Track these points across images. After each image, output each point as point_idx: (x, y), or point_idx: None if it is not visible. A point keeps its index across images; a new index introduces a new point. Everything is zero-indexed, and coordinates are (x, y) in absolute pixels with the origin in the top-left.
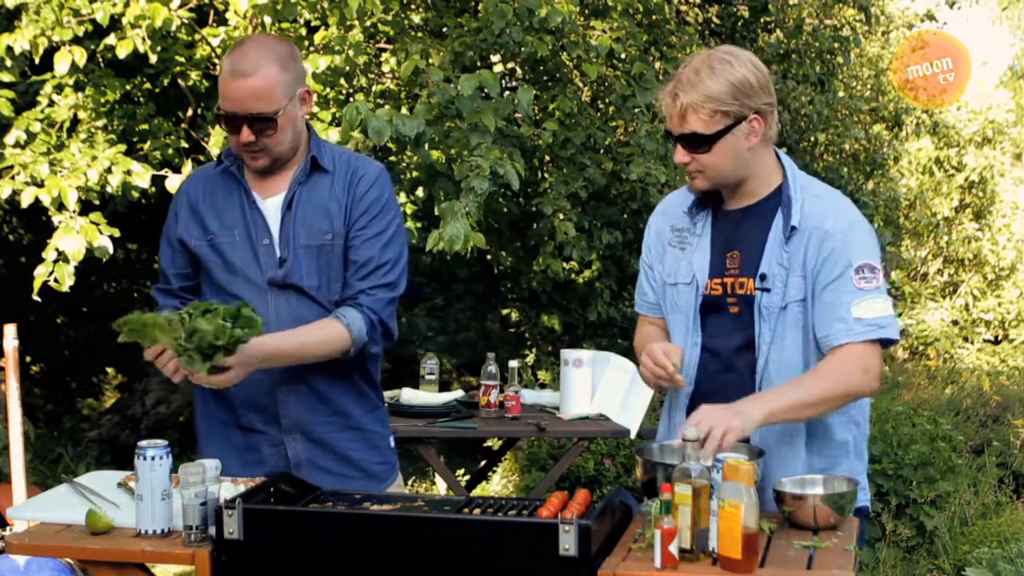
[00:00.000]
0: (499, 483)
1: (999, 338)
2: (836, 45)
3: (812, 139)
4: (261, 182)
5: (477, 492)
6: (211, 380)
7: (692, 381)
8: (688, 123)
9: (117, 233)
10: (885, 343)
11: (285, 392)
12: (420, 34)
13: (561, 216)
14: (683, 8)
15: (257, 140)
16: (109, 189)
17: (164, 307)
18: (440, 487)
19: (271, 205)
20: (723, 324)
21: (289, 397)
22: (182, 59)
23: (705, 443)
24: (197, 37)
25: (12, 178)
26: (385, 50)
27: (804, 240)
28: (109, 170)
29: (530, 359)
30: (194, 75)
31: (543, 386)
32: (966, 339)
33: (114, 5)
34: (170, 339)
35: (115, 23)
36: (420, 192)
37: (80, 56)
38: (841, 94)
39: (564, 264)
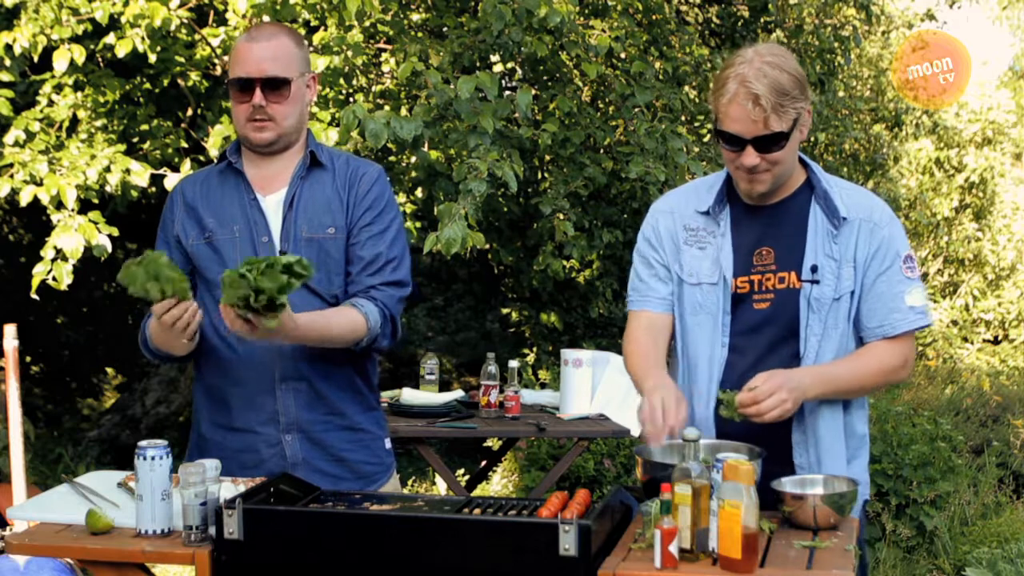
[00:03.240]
0: (499, 483)
1: (999, 338)
2: (836, 45)
3: (812, 139)
4: (261, 179)
5: (477, 492)
6: (250, 329)
7: (719, 381)
8: (771, 124)
9: (116, 232)
10: (920, 328)
11: (284, 390)
12: (420, 34)
13: (561, 215)
14: (683, 8)
15: (267, 106)
16: (108, 188)
17: None
18: (440, 487)
19: (271, 202)
20: (749, 322)
21: (288, 395)
22: (182, 59)
23: (758, 407)
24: (197, 37)
25: (11, 176)
26: (385, 50)
27: (854, 231)
28: (108, 169)
29: (530, 359)
30: (194, 75)
31: (543, 386)
32: (966, 339)
33: (113, 4)
34: (232, 296)
35: (114, 22)
36: (420, 192)
37: (79, 54)
38: (841, 94)
39: (564, 263)
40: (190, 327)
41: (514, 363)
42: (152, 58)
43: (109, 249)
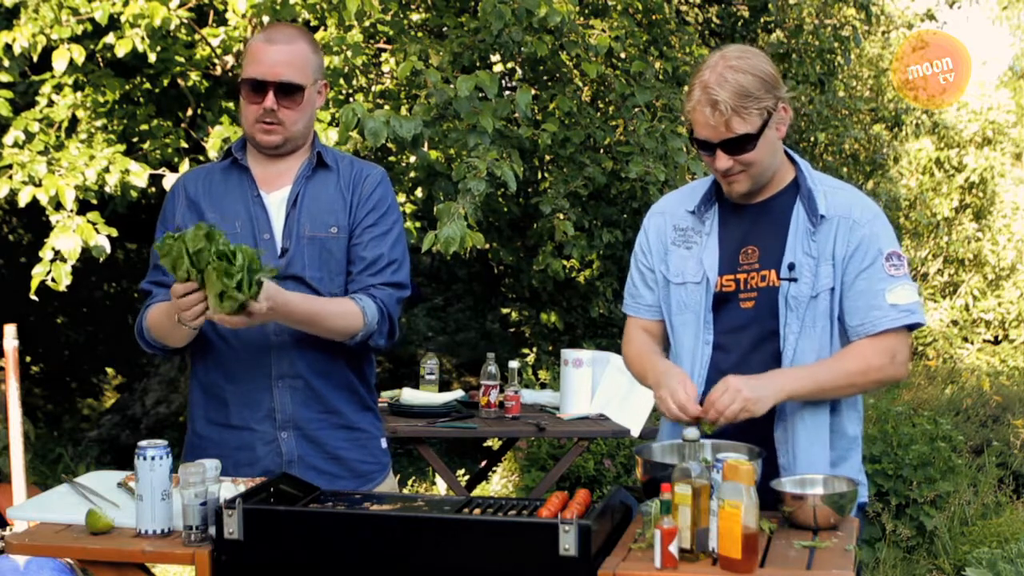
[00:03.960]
0: (499, 483)
1: (999, 338)
2: (836, 45)
3: (812, 139)
4: (265, 176)
5: (477, 492)
6: (235, 320)
7: (704, 380)
8: (734, 127)
9: (115, 233)
10: (912, 327)
11: (281, 387)
12: (420, 34)
13: (561, 215)
14: (683, 8)
15: (278, 110)
16: (107, 189)
17: (156, 297)
18: (440, 487)
19: (274, 199)
20: (735, 320)
21: (285, 392)
22: (182, 59)
23: (715, 408)
24: (197, 37)
25: (10, 177)
26: (384, 50)
27: (832, 229)
28: (107, 169)
29: (530, 359)
30: (194, 75)
31: (543, 386)
32: (966, 339)
33: (113, 4)
34: (220, 281)
35: (114, 22)
36: (419, 192)
37: (79, 54)
38: (841, 94)
39: (564, 263)
40: (199, 319)
41: (514, 363)
42: (152, 58)
43: (108, 250)
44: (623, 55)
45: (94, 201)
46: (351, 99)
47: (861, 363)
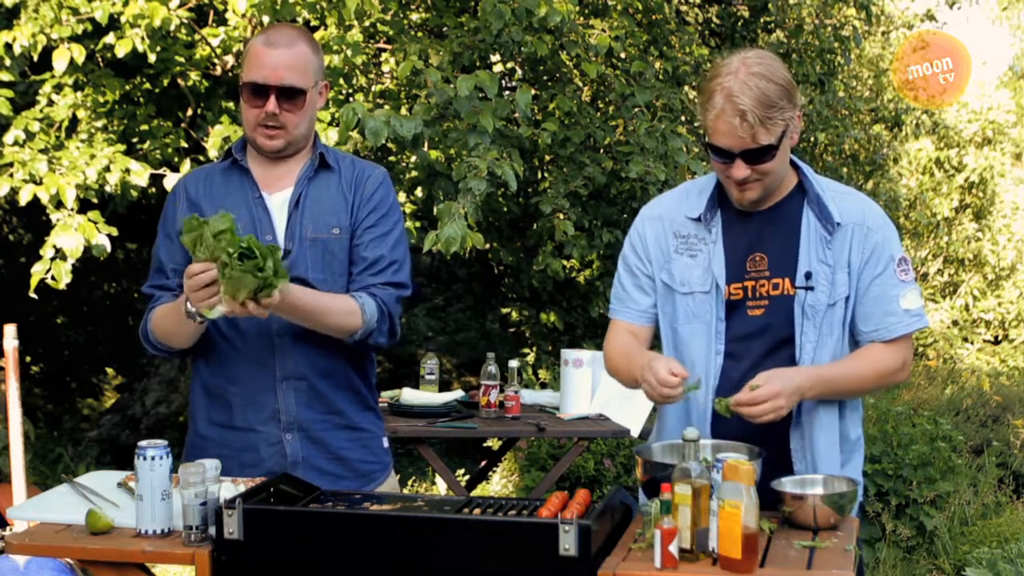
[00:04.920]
0: (499, 483)
1: (999, 338)
2: (836, 45)
3: (812, 139)
4: (267, 178)
5: (477, 492)
6: (244, 309)
7: (714, 389)
8: (759, 138)
9: (115, 231)
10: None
11: (285, 388)
12: (419, 34)
13: (561, 215)
14: (683, 8)
15: (280, 114)
16: (108, 188)
17: (160, 300)
18: (440, 487)
19: (276, 201)
20: (744, 328)
21: (289, 393)
22: (182, 59)
23: (750, 411)
24: (196, 37)
25: (10, 175)
26: (384, 50)
27: (847, 236)
28: (107, 168)
29: (530, 358)
30: (194, 75)
31: (543, 386)
32: (966, 339)
33: (113, 4)
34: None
35: (114, 22)
36: (419, 192)
37: (79, 54)
38: (841, 94)
39: (564, 263)
40: (210, 300)
41: (514, 363)
42: (152, 58)
43: (108, 249)
44: (623, 55)
45: (94, 200)
46: (351, 99)
47: (874, 367)
